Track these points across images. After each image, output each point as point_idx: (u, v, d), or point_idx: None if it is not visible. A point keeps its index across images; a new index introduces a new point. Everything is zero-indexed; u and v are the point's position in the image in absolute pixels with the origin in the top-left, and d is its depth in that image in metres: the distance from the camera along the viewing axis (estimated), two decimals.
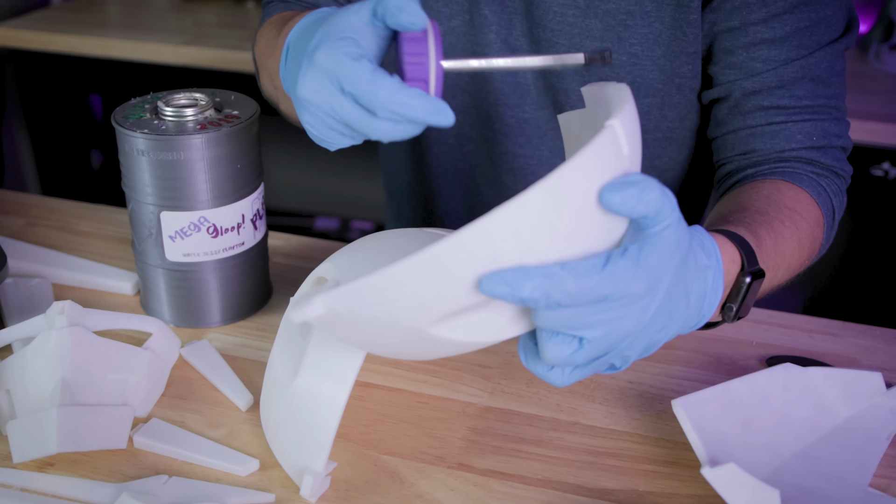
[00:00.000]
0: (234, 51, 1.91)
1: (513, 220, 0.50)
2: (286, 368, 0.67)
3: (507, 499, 0.66)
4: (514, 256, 0.51)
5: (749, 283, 0.69)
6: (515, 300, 0.52)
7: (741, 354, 0.85)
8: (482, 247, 0.51)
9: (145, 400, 0.74)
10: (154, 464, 0.68)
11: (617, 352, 0.58)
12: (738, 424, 0.68)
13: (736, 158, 0.91)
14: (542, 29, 0.93)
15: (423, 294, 0.52)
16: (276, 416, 0.68)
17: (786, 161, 0.88)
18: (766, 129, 0.88)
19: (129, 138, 0.78)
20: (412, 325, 0.54)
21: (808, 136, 0.87)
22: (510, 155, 1.03)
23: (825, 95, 0.87)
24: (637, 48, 0.90)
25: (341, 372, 0.63)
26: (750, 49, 0.87)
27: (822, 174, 0.88)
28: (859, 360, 0.85)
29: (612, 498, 0.67)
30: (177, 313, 0.86)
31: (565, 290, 0.52)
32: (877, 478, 0.69)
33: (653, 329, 0.58)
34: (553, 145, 1.01)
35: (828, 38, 0.86)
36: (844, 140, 0.89)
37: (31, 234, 1.03)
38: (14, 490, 0.65)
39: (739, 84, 0.89)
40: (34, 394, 0.69)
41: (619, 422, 0.75)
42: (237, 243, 0.83)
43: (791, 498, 0.61)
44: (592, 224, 0.54)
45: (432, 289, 0.52)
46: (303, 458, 0.64)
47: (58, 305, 0.71)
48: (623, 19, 0.89)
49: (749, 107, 0.89)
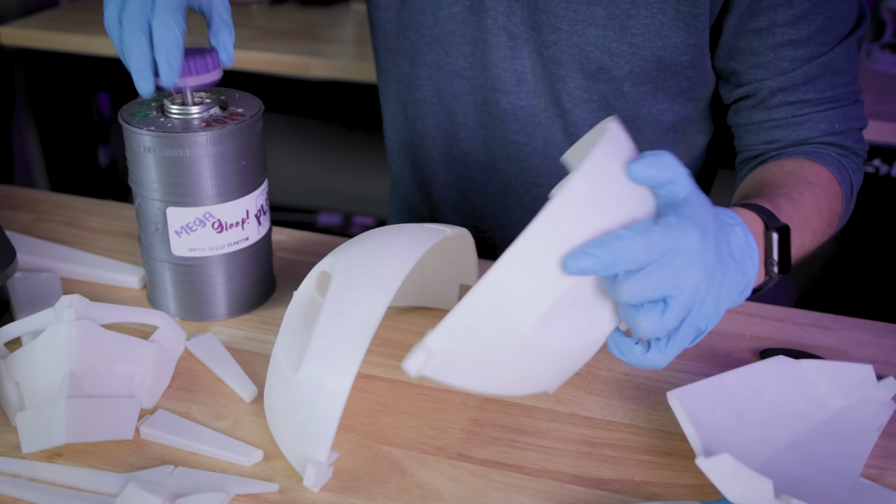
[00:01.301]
0: (240, 50, 1.90)
1: (570, 204, 0.57)
2: (289, 361, 0.67)
3: (505, 488, 0.66)
4: (581, 235, 0.57)
5: (777, 238, 0.73)
6: (599, 268, 0.56)
7: (735, 347, 0.85)
8: (553, 234, 0.56)
9: (151, 391, 0.74)
10: (160, 454, 0.68)
11: (696, 310, 0.62)
12: (732, 416, 0.68)
13: (759, 146, 0.94)
14: (546, 14, 0.92)
15: (517, 296, 0.57)
16: (280, 407, 0.68)
17: (809, 145, 0.92)
18: (791, 121, 0.91)
19: (135, 135, 0.78)
20: (516, 334, 0.58)
21: (830, 125, 0.91)
22: (505, 141, 1.03)
23: (844, 84, 0.90)
24: (638, 38, 0.90)
25: (344, 364, 0.63)
26: (777, 50, 0.88)
27: (844, 154, 0.91)
28: (850, 352, 0.85)
29: (608, 488, 0.67)
30: (182, 307, 0.86)
31: (636, 248, 0.57)
32: (868, 468, 0.69)
33: (716, 284, 0.63)
34: (548, 134, 1.01)
35: (844, 32, 0.88)
36: (862, 121, 0.93)
37: (40, 229, 1.03)
38: (23, 480, 0.65)
39: (767, 83, 0.90)
40: (43, 386, 0.69)
41: (615, 413, 0.75)
42: (241, 238, 0.83)
43: (784, 487, 0.61)
44: (630, 195, 0.60)
45: (524, 288, 0.57)
46: (306, 449, 0.64)
47: (66, 299, 0.71)
48: (627, 9, 0.88)
49: (775, 102, 0.91)
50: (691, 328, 0.63)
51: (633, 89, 0.94)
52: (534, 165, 1.03)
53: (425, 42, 1.01)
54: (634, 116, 0.97)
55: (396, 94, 1.10)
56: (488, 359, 0.59)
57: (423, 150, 1.11)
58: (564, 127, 0.99)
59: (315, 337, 0.65)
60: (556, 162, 1.02)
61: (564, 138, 1.00)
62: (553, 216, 0.56)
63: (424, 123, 1.08)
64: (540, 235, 0.56)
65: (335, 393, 0.62)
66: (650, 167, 0.59)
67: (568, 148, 0.97)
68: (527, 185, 1.05)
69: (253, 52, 1.89)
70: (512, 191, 1.06)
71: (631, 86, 0.94)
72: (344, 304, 0.65)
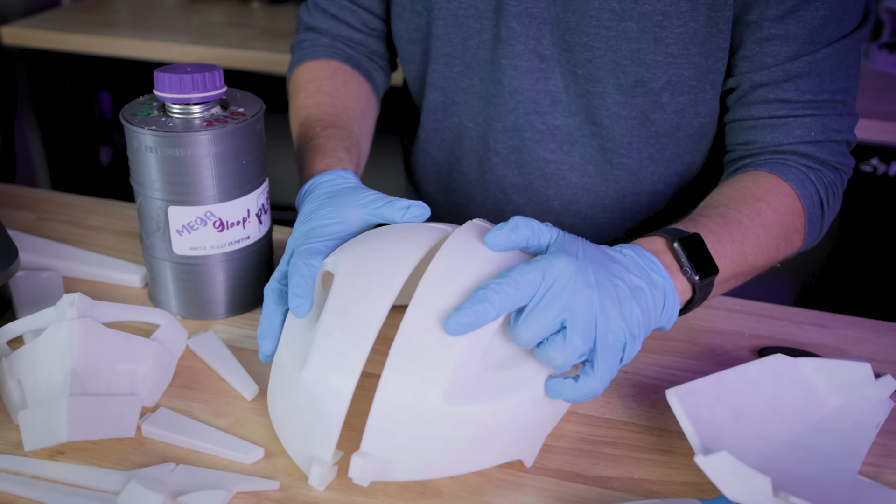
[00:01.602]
0: (240, 49, 1.91)
1: (436, 277, 0.64)
2: (293, 360, 0.67)
3: (505, 486, 0.66)
4: (454, 298, 0.63)
5: (681, 246, 0.74)
6: (477, 319, 0.61)
7: (733, 345, 0.85)
8: (429, 307, 0.63)
9: (153, 389, 0.74)
10: (162, 452, 0.68)
11: (602, 325, 0.64)
12: (731, 413, 0.67)
13: (738, 147, 0.94)
14: (578, 34, 0.92)
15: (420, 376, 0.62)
16: (284, 406, 0.68)
17: (781, 154, 0.90)
18: (768, 122, 0.90)
19: (137, 135, 0.78)
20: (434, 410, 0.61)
21: (806, 132, 0.88)
22: (541, 161, 1.03)
23: (830, 90, 0.88)
24: (673, 48, 0.89)
25: (348, 363, 0.63)
26: (762, 44, 0.87)
27: (814, 167, 0.89)
28: (848, 350, 0.85)
29: (608, 485, 0.67)
30: (184, 305, 0.86)
31: (505, 290, 0.62)
32: (865, 465, 0.69)
33: (611, 295, 0.65)
34: (584, 152, 1.01)
35: (839, 34, 0.86)
36: (846, 134, 0.90)
37: (42, 228, 1.03)
38: (25, 478, 0.65)
39: (749, 76, 0.89)
40: (45, 384, 0.69)
41: (614, 411, 0.75)
42: (243, 237, 0.83)
43: (782, 485, 0.61)
44: (496, 259, 0.67)
45: (422, 366, 0.62)
46: (311, 448, 0.64)
47: (68, 297, 0.71)
48: (659, 20, 0.88)
49: (754, 98, 0.90)
50: (609, 344, 0.64)
51: (671, 100, 0.94)
52: (572, 183, 1.03)
53: (458, 71, 1.02)
54: (674, 129, 0.97)
55: (427, 123, 1.10)
56: (425, 443, 0.62)
57: (460, 174, 1.11)
58: (601, 143, 0.99)
59: (319, 336, 0.65)
60: (593, 178, 1.02)
61: (600, 155, 1.00)
62: (423, 294, 0.63)
63: (462, 148, 1.08)
64: (417, 313, 0.63)
65: (340, 392, 0.62)
66: (503, 234, 0.66)
67: (604, 164, 0.98)
68: (565, 202, 1.05)
69: (254, 52, 1.89)
70: (550, 210, 1.06)
71: (669, 97, 0.93)
72: (347, 304, 0.65)
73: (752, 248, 0.82)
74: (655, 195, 1.03)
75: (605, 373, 0.64)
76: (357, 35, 1.09)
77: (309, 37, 1.09)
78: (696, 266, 0.74)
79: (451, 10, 0.98)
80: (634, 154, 0.99)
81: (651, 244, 0.74)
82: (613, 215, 1.05)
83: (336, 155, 0.88)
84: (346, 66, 1.06)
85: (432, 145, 1.12)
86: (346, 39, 1.09)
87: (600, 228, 1.06)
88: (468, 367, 0.62)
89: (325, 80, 1.02)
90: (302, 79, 1.04)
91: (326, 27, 1.08)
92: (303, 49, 1.08)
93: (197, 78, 0.77)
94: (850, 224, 1.89)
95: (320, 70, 1.04)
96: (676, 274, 0.73)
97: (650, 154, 0.99)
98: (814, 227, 0.90)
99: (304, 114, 0.98)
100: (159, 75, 0.77)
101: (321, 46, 1.07)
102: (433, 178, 1.16)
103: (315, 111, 0.97)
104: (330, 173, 0.84)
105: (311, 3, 1.10)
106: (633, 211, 1.05)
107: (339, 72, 1.05)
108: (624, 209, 1.04)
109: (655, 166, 1.00)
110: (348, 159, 0.89)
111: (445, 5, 0.98)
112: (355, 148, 0.93)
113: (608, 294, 0.65)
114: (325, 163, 0.87)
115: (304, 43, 1.09)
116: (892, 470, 0.69)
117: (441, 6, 0.98)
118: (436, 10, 0.99)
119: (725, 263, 0.78)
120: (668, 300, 0.71)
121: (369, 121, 1.05)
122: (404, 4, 1.02)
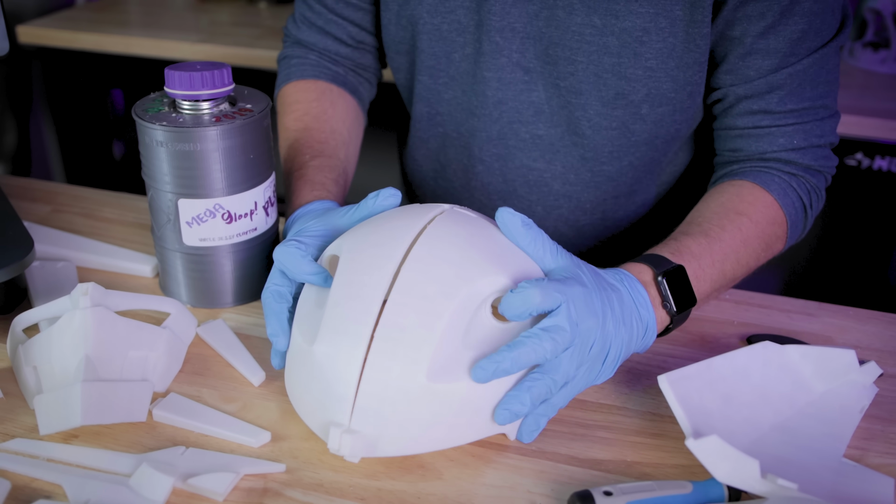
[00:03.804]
0: (247, 48, 1.90)
1: (417, 269, 0.65)
2: (305, 336, 0.67)
3: (502, 468, 0.66)
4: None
5: (666, 281, 0.75)
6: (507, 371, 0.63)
7: (723, 333, 0.85)
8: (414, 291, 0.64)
9: (164, 376, 0.73)
10: (172, 436, 0.68)
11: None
12: (720, 399, 0.67)
13: (726, 153, 0.94)
14: (561, 48, 0.91)
15: (403, 354, 0.63)
16: (300, 379, 0.67)
17: (766, 161, 0.90)
18: (752, 132, 0.90)
19: (148, 130, 0.78)
20: (417, 387, 0.62)
21: (789, 140, 0.89)
22: (525, 169, 1.02)
23: (811, 97, 0.88)
24: (652, 62, 0.89)
25: (357, 329, 0.63)
26: (745, 58, 0.87)
27: (797, 174, 0.90)
28: (834, 338, 0.85)
29: (602, 468, 0.66)
30: (193, 294, 0.86)
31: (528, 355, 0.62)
32: (850, 449, 0.69)
33: (602, 310, 0.67)
34: (566, 161, 1.00)
35: (818, 44, 0.86)
36: (828, 137, 0.90)
37: (57, 220, 1.03)
38: (41, 461, 0.64)
39: (733, 89, 0.90)
40: (60, 370, 0.69)
41: (608, 396, 0.75)
42: (250, 229, 0.83)
43: (770, 467, 0.60)
44: (473, 247, 0.67)
45: (404, 344, 0.63)
46: (327, 414, 0.64)
47: (82, 287, 0.71)
48: (639, 36, 0.88)
49: (739, 110, 0.90)
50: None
51: (650, 111, 0.94)
52: (554, 190, 1.03)
53: (442, 83, 1.01)
54: (653, 137, 0.97)
55: (414, 131, 1.11)
56: (410, 419, 0.63)
57: (445, 181, 1.11)
58: (583, 153, 0.99)
59: (328, 308, 0.65)
60: (574, 186, 1.02)
61: (582, 164, 1.00)
62: (405, 280, 0.64)
63: (446, 156, 1.08)
64: (400, 298, 0.63)
65: (351, 357, 0.63)
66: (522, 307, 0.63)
67: (586, 172, 0.98)
68: (548, 208, 1.05)
69: (260, 51, 1.88)
70: (533, 215, 1.05)
71: (649, 108, 0.93)
72: (353, 276, 0.66)
73: (732, 265, 0.83)
74: (634, 198, 1.04)
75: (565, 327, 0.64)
76: (344, 49, 1.07)
77: (296, 52, 1.08)
78: (677, 300, 0.75)
79: (435, 25, 0.97)
80: (615, 162, 0.99)
81: (640, 274, 0.75)
82: (594, 217, 1.05)
83: (325, 187, 0.89)
84: (333, 86, 1.05)
85: (419, 153, 1.12)
86: (332, 54, 1.07)
87: (581, 230, 1.07)
88: (449, 347, 0.63)
89: (314, 103, 1.01)
90: (290, 98, 1.03)
91: (314, 41, 1.07)
92: (290, 67, 1.07)
93: (206, 75, 0.77)
94: (835, 217, 1.88)
95: (308, 91, 1.03)
96: (658, 307, 0.75)
97: (630, 162, 0.99)
98: (796, 230, 0.91)
99: (294, 137, 0.97)
100: (170, 73, 0.77)
101: (308, 66, 1.06)
102: (421, 184, 1.16)
103: (304, 137, 0.96)
104: (319, 203, 0.85)
105: (298, 17, 1.08)
106: (614, 213, 1.05)
107: (327, 93, 1.04)
108: (604, 212, 1.05)
109: (635, 172, 1.01)
110: (336, 191, 0.90)
111: (429, 20, 0.97)
112: (342, 178, 0.94)
113: (595, 318, 0.67)
114: (313, 194, 0.87)
115: (291, 60, 1.08)
116: (876, 453, 0.69)
117: (425, 21, 0.97)
118: (420, 24, 0.98)
119: (705, 287, 0.80)
120: (648, 331, 0.73)
121: (356, 140, 1.05)
122: (389, 18, 1.01)
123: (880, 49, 1.88)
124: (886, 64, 1.86)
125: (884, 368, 0.79)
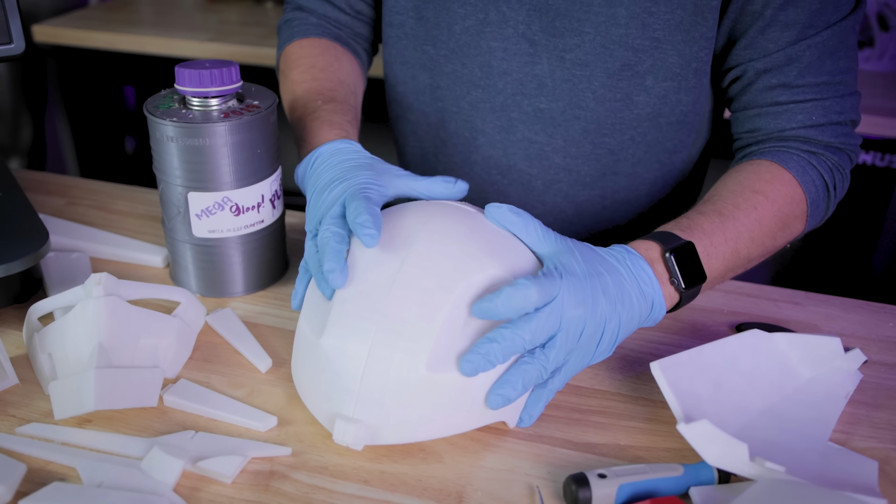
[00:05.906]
0: (255, 47, 1.90)
1: (417, 264, 0.65)
2: (313, 329, 0.67)
3: (500, 452, 0.66)
4: None
5: (674, 257, 0.72)
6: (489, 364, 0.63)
7: (713, 321, 0.84)
8: (414, 284, 0.64)
9: (174, 362, 0.73)
10: (182, 420, 0.68)
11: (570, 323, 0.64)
12: (711, 385, 0.67)
13: (744, 135, 0.91)
14: (568, 19, 0.90)
15: (404, 348, 0.63)
16: (307, 371, 0.67)
17: (784, 140, 0.87)
18: (771, 109, 0.87)
19: (159, 126, 0.77)
20: (417, 378, 0.62)
21: (807, 116, 0.86)
22: (526, 142, 1.00)
23: (830, 72, 0.85)
24: (660, 33, 0.88)
25: (363, 325, 0.63)
26: (764, 31, 0.85)
27: (816, 152, 0.86)
28: (820, 326, 0.85)
29: (596, 451, 0.66)
30: (203, 284, 0.85)
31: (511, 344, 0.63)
32: (836, 433, 0.69)
33: (593, 296, 0.66)
34: (567, 135, 0.98)
35: (837, 17, 0.84)
36: (848, 114, 0.87)
37: (71, 212, 1.02)
38: (55, 444, 0.64)
39: (752, 64, 0.87)
40: (74, 357, 0.69)
41: (602, 382, 0.75)
42: (257, 221, 0.83)
43: (758, 451, 0.60)
44: (470, 241, 0.67)
45: (404, 337, 0.63)
46: (333, 406, 0.64)
47: (95, 277, 0.71)
48: (647, 6, 0.86)
49: (758, 86, 0.88)
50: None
51: (655, 84, 0.92)
52: (554, 164, 1.00)
53: (442, 55, 0.99)
54: (657, 114, 0.95)
55: (416, 105, 1.07)
56: (411, 408, 0.63)
57: (445, 156, 1.08)
58: (585, 126, 0.96)
59: (335, 303, 0.65)
60: (575, 159, 0.99)
61: (583, 136, 0.97)
62: (406, 274, 0.64)
63: (447, 131, 1.05)
64: (401, 292, 0.63)
65: (357, 353, 0.62)
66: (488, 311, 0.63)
67: (587, 145, 0.96)
68: (547, 182, 1.02)
69: (267, 49, 1.88)
70: (532, 189, 1.03)
71: (653, 80, 0.91)
72: (360, 272, 0.66)
73: (746, 244, 0.80)
74: (635, 177, 1.01)
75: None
76: (343, 17, 1.05)
77: (297, 16, 1.06)
78: (686, 276, 0.73)
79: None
80: (617, 135, 0.97)
81: (647, 251, 0.73)
82: (593, 192, 1.02)
83: (343, 127, 0.86)
84: (337, 45, 1.03)
85: (419, 127, 1.09)
86: (332, 20, 1.05)
87: (580, 205, 1.04)
88: (449, 338, 0.63)
89: (319, 56, 0.99)
90: (294, 55, 1.01)
91: (314, 6, 1.05)
92: (292, 28, 1.05)
93: (215, 73, 0.76)
94: None
95: (312, 47, 1.01)
96: (666, 283, 0.72)
97: (632, 136, 0.97)
98: (818, 210, 0.87)
99: (302, 88, 0.94)
100: (180, 70, 0.77)
101: (311, 25, 1.04)
102: (420, 162, 1.13)
103: (313, 86, 0.94)
104: (342, 142, 0.82)
105: None
106: (613, 189, 1.02)
107: (331, 48, 1.02)
108: (604, 187, 1.02)
109: (636, 148, 0.98)
110: (353, 132, 0.87)
111: None
112: (356, 122, 0.91)
113: (592, 296, 0.66)
114: (334, 132, 0.84)
115: (292, 22, 1.06)
116: (861, 437, 0.69)
117: None
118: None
119: (717, 265, 0.77)
120: (655, 307, 0.71)
121: (360, 97, 1.02)
122: None
123: (865, 47, 1.87)
124: (871, 62, 1.86)
125: (868, 355, 0.79)
